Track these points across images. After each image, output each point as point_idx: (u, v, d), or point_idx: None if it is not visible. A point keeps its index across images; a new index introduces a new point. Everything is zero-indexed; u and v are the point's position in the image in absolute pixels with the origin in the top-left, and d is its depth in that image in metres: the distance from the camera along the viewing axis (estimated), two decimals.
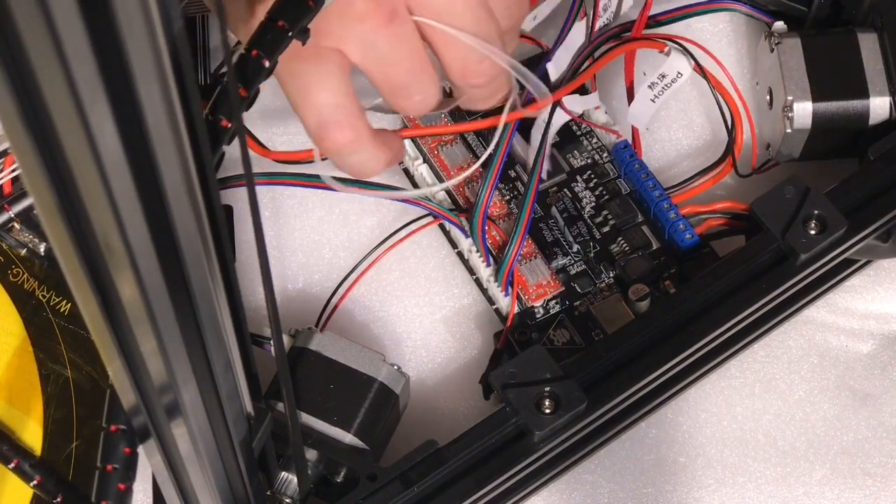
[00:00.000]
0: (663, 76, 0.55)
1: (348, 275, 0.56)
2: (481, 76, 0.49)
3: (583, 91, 0.57)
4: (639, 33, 0.56)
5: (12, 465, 0.52)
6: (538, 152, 0.55)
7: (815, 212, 0.52)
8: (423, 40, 0.48)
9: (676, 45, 0.55)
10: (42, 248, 0.57)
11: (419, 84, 0.49)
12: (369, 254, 0.57)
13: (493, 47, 0.48)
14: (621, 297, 0.54)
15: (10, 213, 0.55)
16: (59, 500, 0.51)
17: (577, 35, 0.57)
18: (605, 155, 0.58)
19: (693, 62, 0.55)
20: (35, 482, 0.52)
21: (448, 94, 0.53)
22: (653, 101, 0.56)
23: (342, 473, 0.49)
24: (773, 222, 0.52)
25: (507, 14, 0.49)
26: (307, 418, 0.50)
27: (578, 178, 0.57)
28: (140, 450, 0.38)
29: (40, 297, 0.57)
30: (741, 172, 0.57)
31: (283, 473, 0.49)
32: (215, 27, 0.61)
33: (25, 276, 0.57)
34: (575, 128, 0.58)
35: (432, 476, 0.47)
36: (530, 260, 0.55)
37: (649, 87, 0.55)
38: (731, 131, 0.56)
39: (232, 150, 0.45)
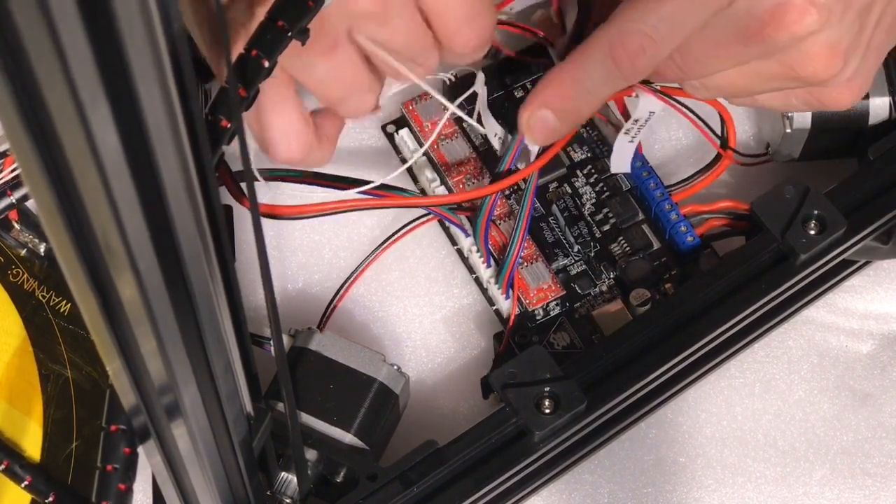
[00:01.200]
0: (636, 121, 0.55)
1: (349, 276, 0.56)
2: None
3: None
4: None
5: (2, 466, 0.52)
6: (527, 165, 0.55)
7: (815, 212, 0.52)
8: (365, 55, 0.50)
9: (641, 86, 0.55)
10: (42, 248, 0.57)
11: (356, 97, 0.51)
12: (370, 255, 0.56)
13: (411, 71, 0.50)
14: (622, 302, 0.54)
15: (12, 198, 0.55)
16: (51, 499, 0.51)
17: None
18: (605, 148, 0.58)
19: (661, 99, 0.54)
20: (26, 482, 0.52)
21: None
22: (630, 142, 0.55)
23: (342, 473, 0.49)
24: (773, 222, 0.52)
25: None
26: (307, 418, 0.50)
27: (579, 172, 0.57)
28: (140, 450, 0.38)
29: (40, 297, 0.57)
30: (741, 160, 0.57)
31: (283, 473, 0.49)
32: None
33: (25, 276, 0.57)
34: None
35: (432, 476, 0.47)
36: (531, 263, 0.55)
37: (625, 132, 0.55)
38: (723, 129, 0.56)
39: (232, 149, 0.45)
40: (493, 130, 0.57)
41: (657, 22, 0.47)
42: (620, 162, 0.56)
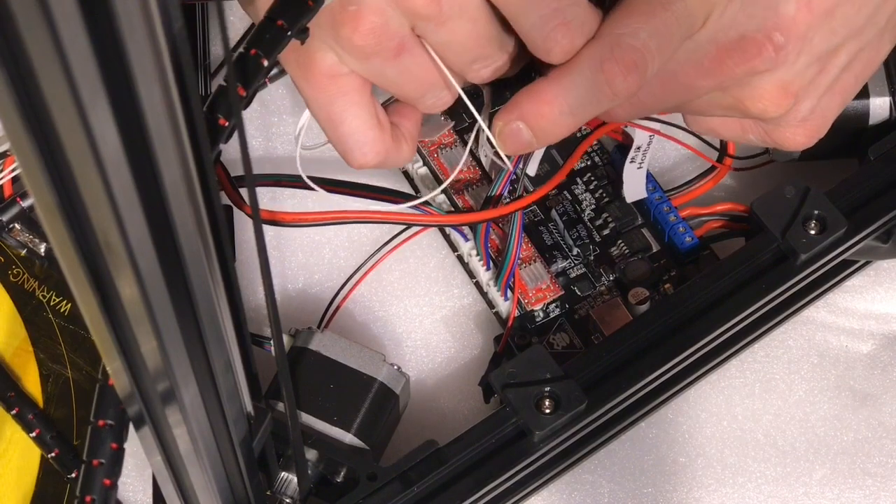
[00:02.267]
0: (638, 148, 0.55)
1: (349, 277, 0.56)
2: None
3: None
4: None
5: (34, 433, 0.53)
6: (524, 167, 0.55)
7: (815, 212, 0.52)
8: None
9: None
10: (42, 248, 0.57)
11: (431, 93, 0.49)
12: (372, 256, 0.57)
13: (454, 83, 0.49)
14: (621, 301, 0.54)
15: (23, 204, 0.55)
16: (73, 475, 0.52)
17: None
18: (605, 157, 0.58)
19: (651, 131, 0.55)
20: (53, 455, 0.53)
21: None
22: (639, 169, 0.55)
23: (342, 473, 0.49)
24: (773, 222, 0.52)
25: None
26: (307, 418, 0.50)
27: (578, 180, 0.57)
28: (132, 448, 0.38)
29: (40, 297, 0.57)
30: (740, 165, 0.57)
31: (283, 473, 0.49)
32: (215, 18, 0.61)
33: (25, 276, 0.57)
34: None
35: (432, 476, 0.47)
36: (530, 264, 0.55)
37: (630, 161, 0.55)
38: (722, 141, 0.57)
39: (233, 151, 0.45)
40: (484, 151, 0.57)
41: (647, 37, 0.45)
42: (634, 190, 0.56)
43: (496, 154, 0.51)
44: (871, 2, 0.47)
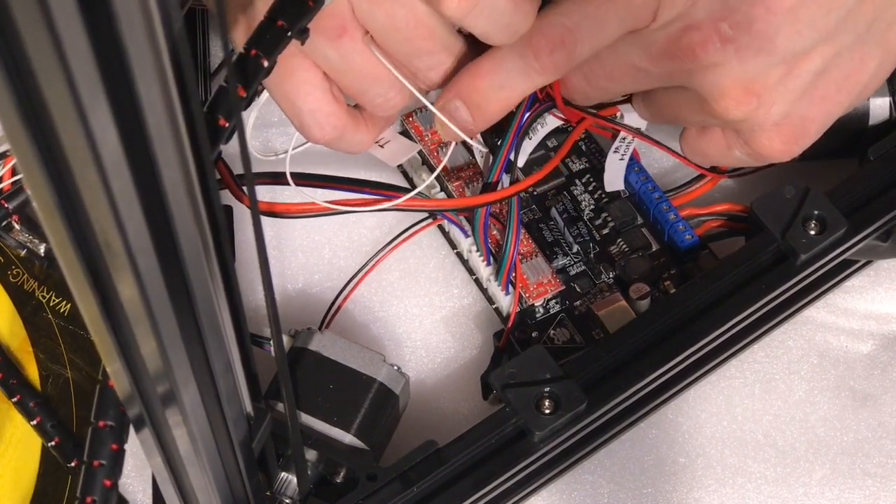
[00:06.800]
0: (623, 138, 0.55)
1: (350, 279, 0.56)
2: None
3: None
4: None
5: (35, 422, 0.53)
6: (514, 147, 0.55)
7: (815, 212, 0.52)
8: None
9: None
10: (42, 248, 0.57)
11: (376, 89, 0.50)
12: (373, 257, 0.56)
13: (404, 80, 0.49)
14: (621, 297, 0.54)
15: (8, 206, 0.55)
16: (73, 464, 0.52)
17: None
18: (603, 159, 0.58)
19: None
20: (53, 443, 0.53)
21: None
22: (621, 160, 0.56)
23: (342, 473, 0.49)
24: (773, 222, 0.52)
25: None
26: (307, 418, 0.50)
27: (577, 181, 0.57)
28: (131, 447, 0.38)
29: (40, 298, 0.57)
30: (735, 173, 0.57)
31: (282, 473, 0.49)
32: (215, 21, 0.61)
33: (25, 276, 0.57)
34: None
35: (432, 476, 0.47)
36: (531, 259, 0.55)
37: (614, 151, 0.55)
38: None
39: (231, 148, 0.45)
40: (477, 145, 0.57)
41: (581, 19, 0.46)
42: (613, 180, 0.56)
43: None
44: (843, 4, 0.46)
